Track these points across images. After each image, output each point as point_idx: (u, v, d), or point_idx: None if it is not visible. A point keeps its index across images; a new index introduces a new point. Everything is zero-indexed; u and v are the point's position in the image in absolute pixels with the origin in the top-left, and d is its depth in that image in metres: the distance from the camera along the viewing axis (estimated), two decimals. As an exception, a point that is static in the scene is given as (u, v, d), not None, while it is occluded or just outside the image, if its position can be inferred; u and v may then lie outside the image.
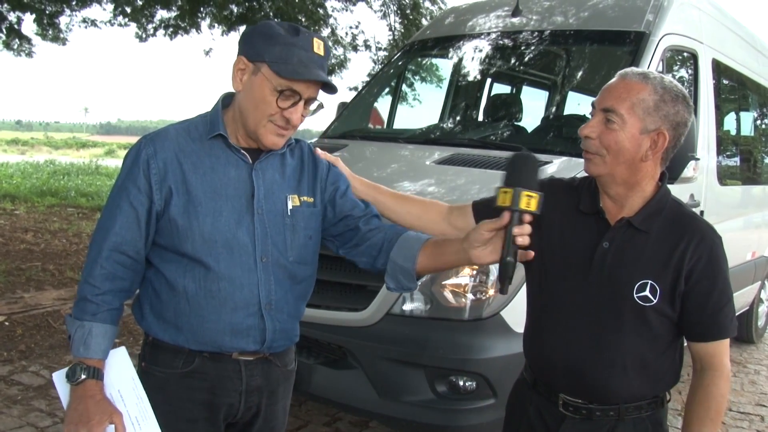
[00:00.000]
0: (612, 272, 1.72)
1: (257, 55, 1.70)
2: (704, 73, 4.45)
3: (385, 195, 2.10)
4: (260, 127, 1.73)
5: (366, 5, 12.27)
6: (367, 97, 5.34)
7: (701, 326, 1.72)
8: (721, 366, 1.72)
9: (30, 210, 11.50)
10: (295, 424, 3.93)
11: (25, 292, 6.14)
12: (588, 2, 4.50)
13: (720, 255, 1.71)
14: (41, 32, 11.73)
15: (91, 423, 1.61)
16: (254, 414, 1.90)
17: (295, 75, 1.67)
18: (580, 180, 1.87)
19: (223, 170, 1.77)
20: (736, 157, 5.80)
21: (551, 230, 1.82)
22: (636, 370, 1.73)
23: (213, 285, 1.74)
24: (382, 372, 3.03)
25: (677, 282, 1.68)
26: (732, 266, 5.21)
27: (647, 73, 1.71)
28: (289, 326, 1.88)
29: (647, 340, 1.73)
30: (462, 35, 4.98)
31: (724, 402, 1.73)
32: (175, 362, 1.79)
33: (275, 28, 1.71)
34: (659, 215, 1.73)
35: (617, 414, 1.76)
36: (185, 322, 1.76)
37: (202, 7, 10.81)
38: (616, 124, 1.67)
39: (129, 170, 1.75)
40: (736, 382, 5.42)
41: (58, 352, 4.84)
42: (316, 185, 1.91)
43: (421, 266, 1.83)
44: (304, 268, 1.89)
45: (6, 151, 52.95)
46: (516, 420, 1.95)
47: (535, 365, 1.90)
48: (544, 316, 1.86)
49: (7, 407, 3.92)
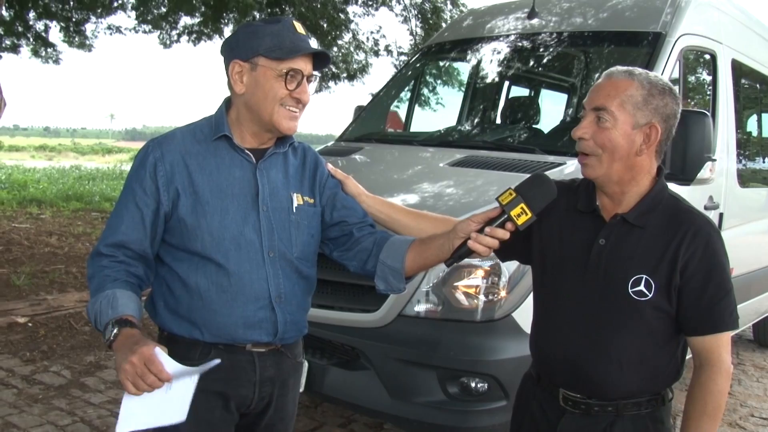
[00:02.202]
0: (608, 268, 1.73)
1: (251, 52, 1.79)
2: (723, 74, 4.40)
3: (400, 213, 2.14)
4: (274, 115, 1.81)
5: (388, 10, 12.33)
6: (384, 99, 5.35)
7: (697, 320, 1.71)
8: (719, 361, 1.70)
9: (55, 214, 11.70)
10: (310, 426, 3.95)
11: (48, 294, 6.24)
12: (606, 3, 4.48)
13: (717, 248, 1.71)
14: (68, 39, 11.95)
15: (136, 349, 1.57)
16: (266, 404, 1.95)
17: (293, 53, 1.77)
18: (580, 181, 1.89)
19: (228, 170, 1.84)
20: (758, 159, 5.71)
21: (551, 230, 1.84)
22: (633, 365, 1.73)
23: (224, 280, 1.80)
24: (393, 373, 3.03)
25: (672, 276, 1.68)
26: (754, 270, 5.14)
27: (632, 70, 1.73)
28: (298, 318, 1.94)
29: (644, 335, 1.73)
30: (480, 38, 4.98)
31: (722, 398, 1.71)
32: (191, 354, 1.84)
33: (257, 24, 1.82)
34: (655, 210, 1.74)
35: (615, 410, 1.76)
36: (199, 317, 1.82)
37: (225, 13, 10.92)
38: (608, 122, 1.69)
39: (136, 172, 1.83)
40: (759, 387, 5.35)
41: (79, 353, 4.91)
42: (315, 187, 1.99)
43: (409, 265, 1.89)
44: (307, 265, 1.95)
45: (34, 156, 53.84)
46: (521, 413, 1.98)
47: (538, 360, 1.93)
48: (545, 313, 1.89)
49: (28, 405, 3.98)
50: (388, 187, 3.54)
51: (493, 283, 2.95)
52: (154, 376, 1.56)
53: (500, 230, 1.68)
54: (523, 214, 1.68)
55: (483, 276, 2.96)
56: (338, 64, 12.51)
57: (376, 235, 1.98)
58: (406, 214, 2.13)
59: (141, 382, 1.56)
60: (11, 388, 4.22)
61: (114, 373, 4.55)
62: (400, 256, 1.90)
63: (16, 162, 27.79)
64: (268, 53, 1.77)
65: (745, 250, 4.95)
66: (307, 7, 10.71)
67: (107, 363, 4.74)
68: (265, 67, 1.78)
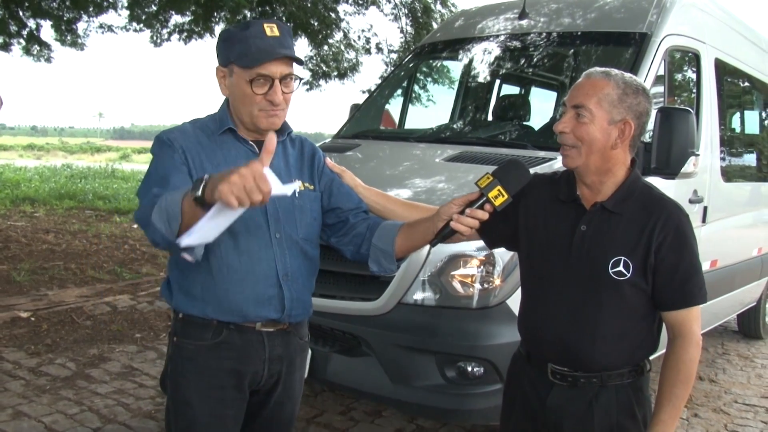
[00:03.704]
0: (590, 251, 1.90)
1: (226, 59, 1.95)
2: (707, 73, 4.56)
3: (394, 203, 2.32)
4: (253, 117, 1.95)
5: (377, 9, 12.43)
6: (378, 98, 5.48)
7: (671, 296, 1.89)
8: (690, 333, 1.89)
9: (49, 213, 11.74)
10: (311, 413, 4.09)
11: (48, 290, 6.33)
12: (594, 4, 4.63)
13: (686, 230, 1.89)
14: (59, 38, 11.93)
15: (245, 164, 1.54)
16: (275, 382, 2.09)
17: (256, 62, 1.87)
18: (561, 174, 2.07)
19: (234, 161, 1.95)
20: (742, 155, 5.89)
21: (536, 219, 2.02)
22: (614, 339, 1.91)
23: (234, 260, 1.94)
24: (394, 359, 3.18)
25: (648, 257, 1.86)
26: (738, 262, 5.31)
27: (609, 71, 1.90)
28: (304, 296, 2.09)
29: (624, 311, 1.91)
30: (471, 38, 5.12)
31: (693, 366, 1.89)
32: (205, 334, 1.98)
33: (230, 31, 1.95)
34: (631, 198, 1.91)
35: (600, 381, 1.93)
36: (212, 296, 1.95)
37: (216, 12, 10.98)
38: (586, 117, 1.86)
39: (162, 151, 1.94)
40: (742, 376, 5.53)
41: (82, 346, 5.02)
42: (314, 174, 2.14)
43: (398, 247, 2.06)
44: (311, 245, 2.10)
45: (22, 156, 53.58)
46: (512, 390, 2.14)
47: (527, 338, 2.10)
48: (533, 295, 2.07)
49: (36, 396, 4.10)
50: (383, 182, 3.66)
51: (488, 272, 3.10)
52: (262, 195, 1.52)
53: (480, 211, 1.85)
54: (500, 195, 1.85)
55: (478, 265, 3.11)
56: (329, 63, 12.60)
57: (369, 221, 2.14)
58: (400, 205, 2.31)
59: (246, 197, 1.50)
60: (19, 380, 4.33)
61: (118, 365, 4.69)
62: (390, 239, 2.06)
63: (6, 161, 27.68)
64: (237, 60, 1.90)
65: (729, 243, 5.12)
66: (298, 6, 10.78)
67: (111, 355, 4.87)
68: (236, 74, 1.92)
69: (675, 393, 1.88)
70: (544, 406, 1.99)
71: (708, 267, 4.68)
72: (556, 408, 1.97)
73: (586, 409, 1.94)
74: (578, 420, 1.94)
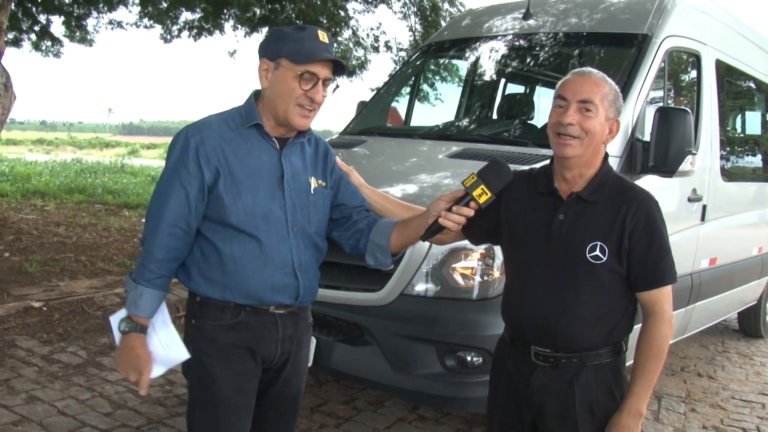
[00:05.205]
0: (568, 239, 2.04)
1: (276, 54, 2.07)
2: (707, 74, 4.64)
3: (393, 204, 2.47)
4: (289, 112, 2.09)
5: (387, 7, 12.50)
6: (385, 96, 5.58)
7: (644, 276, 2.02)
8: (661, 311, 2.03)
9: (59, 206, 11.86)
10: (315, 402, 4.19)
11: (60, 281, 6.45)
12: (598, 6, 4.70)
13: (656, 216, 2.03)
14: (69, 34, 12.06)
15: (128, 370, 2.09)
16: (285, 360, 2.24)
17: (309, 58, 2.04)
18: (538, 169, 2.22)
19: (257, 155, 2.11)
20: (742, 155, 5.94)
21: (516, 211, 2.16)
22: (592, 320, 2.04)
23: (255, 250, 2.09)
24: (395, 348, 3.29)
25: (621, 241, 2.00)
26: (738, 261, 5.36)
27: (603, 74, 2.07)
28: (314, 284, 2.25)
29: (601, 294, 2.04)
30: (478, 37, 5.21)
31: (665, 342, 2.04)
32: (224, 315, 2.13)
33: (284, 30, 2.10)
34: (604, 188, 2.06)
35: (580, 361, 2.06)
36: (232, 281, 2.09)
37: (226, 9, 11.09)
38: (593, 112, 2.01)
39: (179, 156, 2.08)
40: (741, 373, 5.61)
41: (93, 335, 5.15)
42: (327, 172, 2.29)
43: (393, 243, 2.22)
44: (321, 238, 2.26)
45: (32, 150, 53.97)
46: (498, 373, 2.28)
47: (510, 323, 2.22)
48: (515, 282, 2.20)
49: (50, 382, 4.22)
50: (388, 177, 3.78)
51: (487, 265, 3.20)
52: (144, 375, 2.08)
53: (465, 209, 2.03)
54: (484, 194, 2.03)
55: (478, 258, 3.21)
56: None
57: (369, 218, 2.31)
58: (399, 206, 2.46)
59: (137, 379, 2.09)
60: (32, 366, 4.45)
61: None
62: (386, 235, 2.23)
63: (16, 155, 27.90)
64: (289, 56, 2.05)
65: (729, 242, 5.19)
66: (307, 3, 10.88)
67: (121, 344, 4.97)
68: (285, 67, 2.06)
69: (648, 367, 2.03)
70: (528, 386, 2.11)
71: (707, 265, 4.76)
72: (540, 388, 2.10)
73: (568, 387, 2.07)
74: (560, 397, 2.07)
